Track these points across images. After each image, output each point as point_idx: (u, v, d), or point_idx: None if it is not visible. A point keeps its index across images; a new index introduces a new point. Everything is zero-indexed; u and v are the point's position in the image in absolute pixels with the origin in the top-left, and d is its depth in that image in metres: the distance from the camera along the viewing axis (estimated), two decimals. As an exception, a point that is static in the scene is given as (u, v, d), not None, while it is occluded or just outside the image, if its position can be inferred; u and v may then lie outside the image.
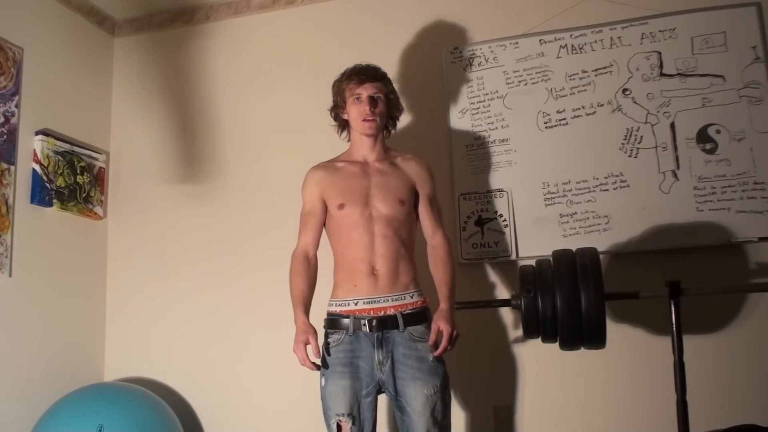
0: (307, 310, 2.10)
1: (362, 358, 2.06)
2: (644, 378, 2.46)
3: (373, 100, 2.20)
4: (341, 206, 2.16)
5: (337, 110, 2.31)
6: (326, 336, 2.14)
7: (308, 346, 2.04)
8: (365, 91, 2.20)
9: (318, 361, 2.08)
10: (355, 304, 2.09)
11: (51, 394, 2.64)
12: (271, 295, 2.91)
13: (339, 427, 2.03)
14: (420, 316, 2.10)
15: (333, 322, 2.12)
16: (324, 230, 2.26)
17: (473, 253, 2.68)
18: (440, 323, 2.04)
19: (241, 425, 2.88)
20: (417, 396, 2.02)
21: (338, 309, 2.13)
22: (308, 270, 2.17)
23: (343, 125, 2.34)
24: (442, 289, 2.14)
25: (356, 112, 2.21)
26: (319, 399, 2.11)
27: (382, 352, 2.05)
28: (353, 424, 2.02)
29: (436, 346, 2.05)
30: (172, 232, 3.09)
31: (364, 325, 2.06)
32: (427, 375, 2.04)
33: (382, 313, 2.07)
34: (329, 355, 2.09)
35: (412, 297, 2.12)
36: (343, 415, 2.03)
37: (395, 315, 2.07)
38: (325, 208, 2.22)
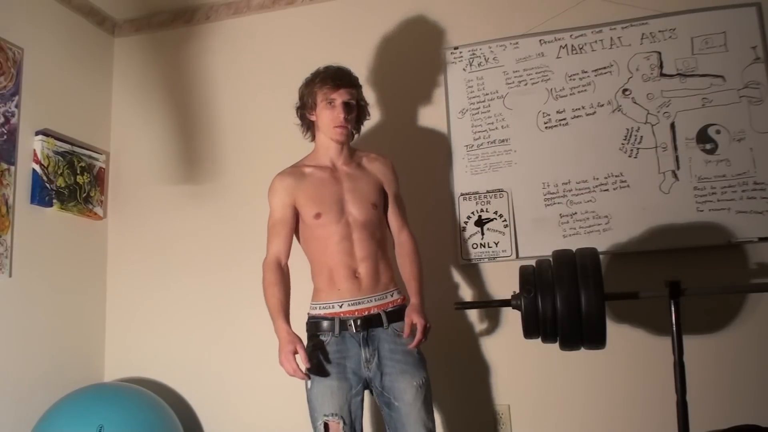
0: (287, 319, 2.09)
1: (349, 358, 2.08)
2: (644, 378, 2.46)
3: (347, 107, 2.18)
4: (318, 215, 2.16)
5: (305, 111, 2.27)
6: (309, 339, 2.13)
7: (297, 356, 2.03)
8: (340, 96, 2.17)
9: (306, 369, 2.07)
10: (340, 306, 2.11)
11: (51, 394, 2.64)
12: (271, 295, 2.91)
13: (326, 427, 2.03)
14: (402, 313, 2.14)
15: (317, 325, 2.13)
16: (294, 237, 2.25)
17: (473, 253, 2.68)
18: (413, 317, 2.08)
19: (240, 425, 2.88)
20: (407, 389, 2.06)
21: (322, 312, 2.14)
22: (283, 279, 2.15)
23: (309, 126, 2.31)
24: (411, 283, 2.19)
25: (329, 117, 2.19)
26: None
27: (368, 350, 2.08)
28: (344, 424, 2.03)
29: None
30: (172, 232, 3.09)
31: (350, 325, 2.08)
32: (414, 368, 2.08)
33: (367, 312, 2.10)
34: (314, 359, 2.08)
35: (392, 295, 2.16)
36: (332, 415, 2.03)
37: (379, 313, 2.10)
38: (296, 216, 2.20)
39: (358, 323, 2.08)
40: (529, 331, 2.02)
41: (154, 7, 3.24)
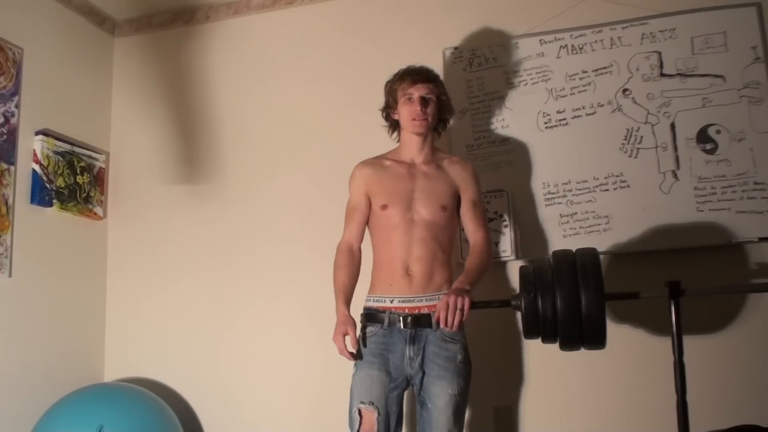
0: (348, 302, 2.14)
1: (393, 352, 2.10)
2: (644, 378, 2.46)
3: (424, 101, 2.24)
4: (384, 207, 2.20)
5: (389, 110, 2.34)
6: (363, 329, 2.17)
7: (347, 337, 2.07)
8: (417, 91, 2.24)
9: (354, 351, 2.10)
10: (391, 302, 2.14)
11: (51, 394, 2.64)
12: (271, 295, 2.91)
13: (360, 414, 2.05)
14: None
15: (369, 316, 2.17)
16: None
17: (473, 253, 2.67)
18: (444, 297, 1.99)
19: (241, 425, 2.88)
20: (441, 394, 2.07)
21: (375, 305, 2.17)
22: (352, 262, 2.21)
23: (394, 125, 2.37)
24: (466, 271, 2.12)
25: (407, 111, 2.25)
26: (319, 399, 2.12)
27: (413, 348, 2.09)
28: (378, 414, 2.05)
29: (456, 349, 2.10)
30: (172, 232, 3.09)
31: (399, 320, 2.10)
32: (453, 375, 2.09)
33: (417, 311, 2.11)
34: (365, 346, 2.12)
35: None
36: (368, 403, 2.06)
37: (429, 314, 2.10)
38: (370, 204, 2.26)
39: (408, 320, 2.10)
40: (529, 332, 2.01)
41: (154, 7, 3.24)
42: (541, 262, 2.06)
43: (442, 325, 1.99)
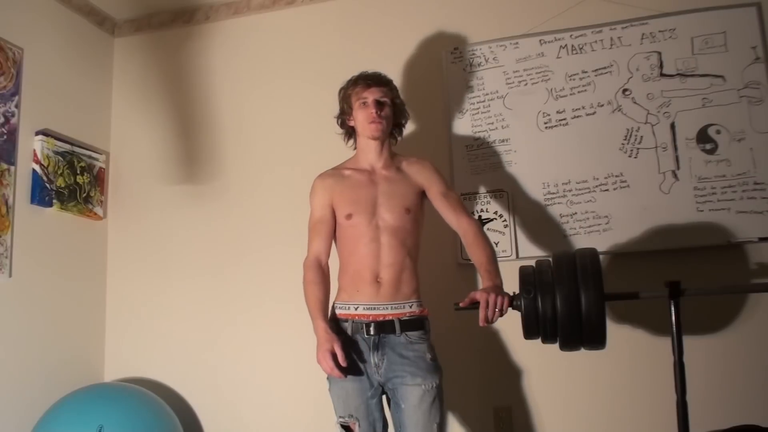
0: (326, 319, 2.09)
1: (361, 360, 2.08)
2: (644, 378, 2.46)
3: (379, 104, 2.21)
4: (349, 216, 2.17)
5: (344, 117, 2.32)
6: None
7: (333, 354, 2.01)
8: (371, 95, 2.21)
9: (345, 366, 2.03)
10: (356, 309, 2.11)
11: (51, 394, 2.64)
12: (271, 295, 2.91)
13: (346, 428, 2.04)
14: (417, 323, 2.12)
15: (333, 326, 2.12)
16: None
17: (473, 253, 2.67)
18: (476, 293, 1.94)
19: (241, 425, 2.88)
20: (414, 390, 2.04)
21: (339, 312, 2.15)
22: (322, 278, 2.16)
23: (350, 133, 2.34)
24: (481, 271, 2.07)
25: (363, 115, 2.22)
26: (319, 399, 2.12)
27: (377, 355, 2.07)
28: (359, 426, 2.03)
29: (432, 353, 2.09)
30: (172, 232, 3.09)
31: (362, 328, 2.08)
32: (425, 372, 2.06)
33: (381, 318, 2.09)
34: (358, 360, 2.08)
35: (411, 307, 2.13)
36: (347, 416, 2.04)
37: (393, 320, 2.08)
38: (335, 215, 2.22)
39: (371, 327, 2.07)
40: (529, 332, 2.01)
41: (154, 7, 3.24)
42: (541, 263, 2.06)
43: (482, 323, 1.92)
